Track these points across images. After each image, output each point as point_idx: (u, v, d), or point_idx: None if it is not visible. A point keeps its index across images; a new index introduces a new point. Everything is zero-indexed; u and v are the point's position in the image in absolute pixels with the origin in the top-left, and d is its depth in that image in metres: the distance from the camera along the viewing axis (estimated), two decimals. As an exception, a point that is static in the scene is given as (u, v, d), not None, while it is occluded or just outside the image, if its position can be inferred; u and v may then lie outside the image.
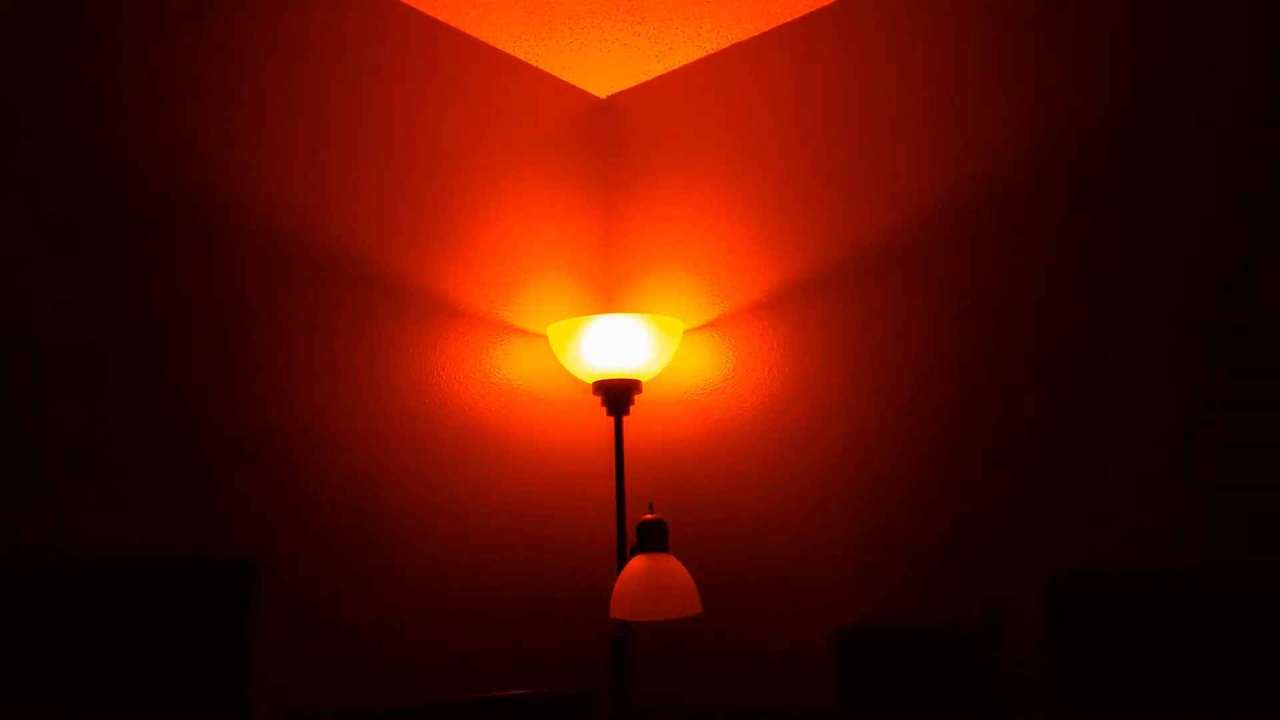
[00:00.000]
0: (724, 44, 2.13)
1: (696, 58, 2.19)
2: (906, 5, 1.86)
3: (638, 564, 1.67)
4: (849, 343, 1.85)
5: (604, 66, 2.22)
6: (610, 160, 2.34)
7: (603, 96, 2.37)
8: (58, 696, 1.29)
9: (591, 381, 1.94)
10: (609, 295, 2.29)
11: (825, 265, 1.91)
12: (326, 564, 1.63)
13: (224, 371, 1.54)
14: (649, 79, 2.29)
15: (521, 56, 2.16)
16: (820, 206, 1.93)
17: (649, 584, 1.64)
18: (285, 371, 1.62)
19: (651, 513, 1.72)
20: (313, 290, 1.69)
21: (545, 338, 2.07)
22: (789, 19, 2.03)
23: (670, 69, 2.24)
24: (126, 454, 1.41)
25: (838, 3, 1.97)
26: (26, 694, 1.26)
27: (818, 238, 1.93)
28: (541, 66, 2.21)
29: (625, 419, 2.11)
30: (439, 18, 1.99)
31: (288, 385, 1.62)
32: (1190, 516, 1.43)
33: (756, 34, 2.09)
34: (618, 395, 1.93)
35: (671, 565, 1.67)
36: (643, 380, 1.95)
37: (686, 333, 2.10)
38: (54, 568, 1.33)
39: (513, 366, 2.02)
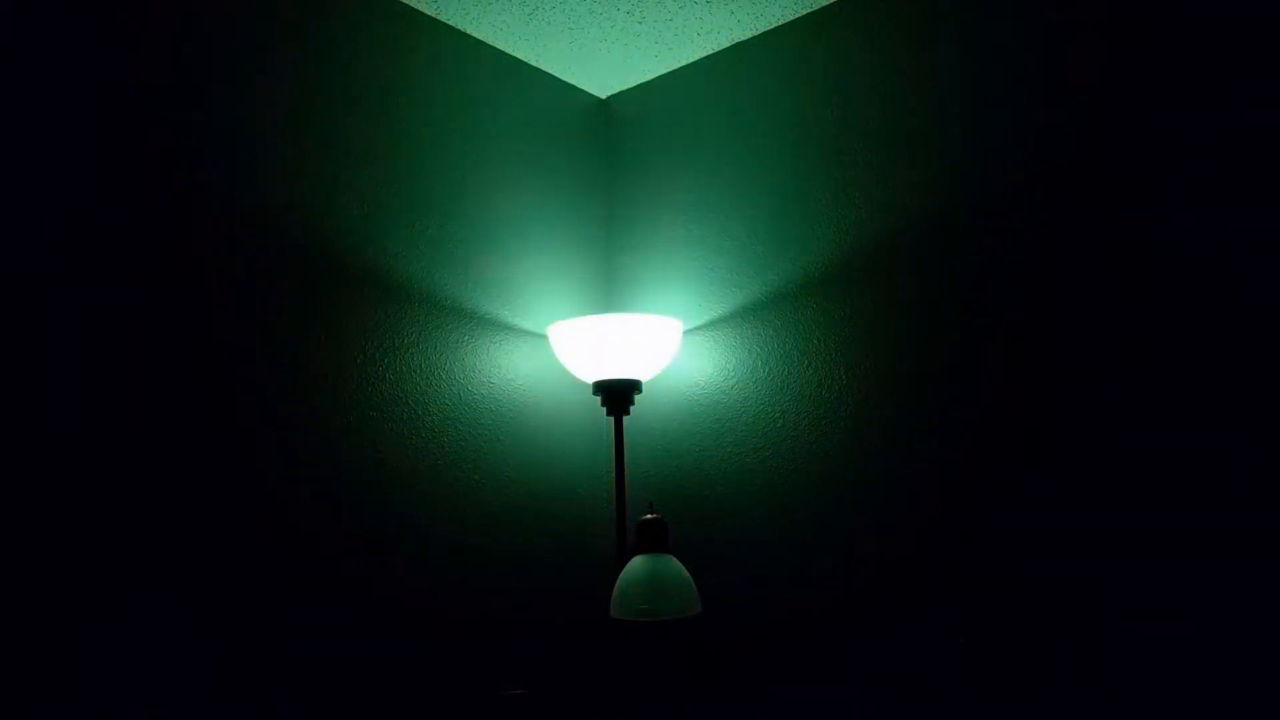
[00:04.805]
0: (724, 44, 2.13)
1: (696, 58, 2.19)
2: (905, 7, 1.86)
3: (638, 564, 1.67)
4: (849, 343, 1.85)
5: (604, 66, 2.21)
6: (610, 160, 2.34)
7: (603, 96, 2.37)
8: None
9: (591, 381, 1.94)
10: (609, 295, 2.29)
11: (825, 266, 1.91)
12: (325, 563, 1.62)
13: (222, 372, 1.54)
14: (649, 79, 2.29)
15: (521, 56, 2.16)
16: (820, 207, 1.93)
17: (649, 584, 1.64)
18: (284, 372, 1.62)
19: (651, 513, 1.72)
20: (309, 291, 1.68)
21: (545, 338, 2.06)
22: (789, 19, 2.03)
23: (670, 69, 2.24)
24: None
25: (837, 3, 1.97)
26: None
27: (818, 238, 1.93)
28: (541, 66, 2.21)
29: (625, 419, 2.11)
30: (439, 17, 1.99)
31: (286, 386, 1.62)
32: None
33: (756, 34, 2.09)
34: (618, 395, 1.92)
35: (671, 565, 1.67)
36: (643, 380, 1.95)
37: (686, 333, 2.10)
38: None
39: (513, 366, 2.02)
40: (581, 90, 2.32)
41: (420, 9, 1.96)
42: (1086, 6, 1.63)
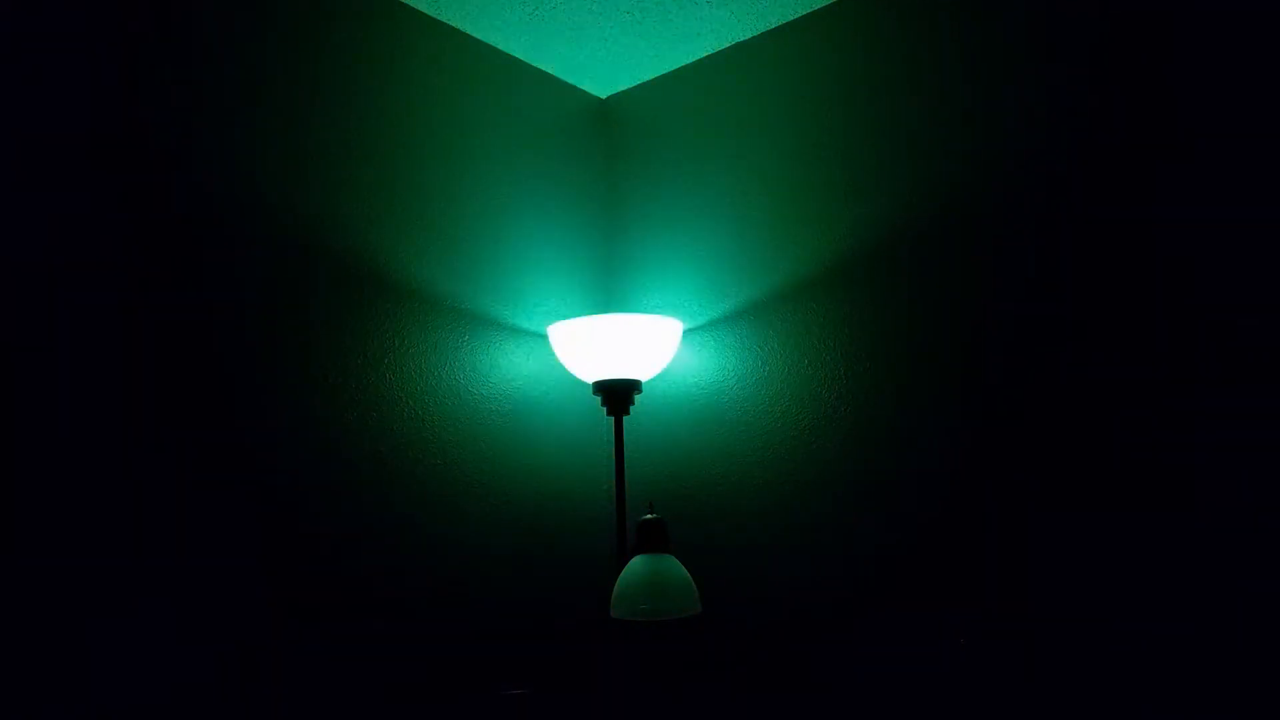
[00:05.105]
0: (724, 44, 2.13)
1: (696, 58, 2.19)
2: (906, 7, 1.86)
3: (638, 564, 1.67)
4: (849, 343, 1.85)
5: (604, 66, 2.21)
6: (610, 160, 2.34)
7: (603, 96, 2.37)
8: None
9: (591, 381, 1.94)
10: (609, 295, 2.29)
11: (825, 266, 1.91)
12: (325, 563, 1.62)
13: (222, 372, 1.54)
14: (649, 79, 2.28)
15: (521, 56, 2.16)
16: (820, 207, 1.93)
17: (649, 584, 1.64)
18: (284, 372, 1.62)
19: (651, 513, 1.71)
20: (308, 290, 1.68)
21: (545, 338, 2.06)
22: (789, 19, 2.03)
23: (670, 69, 2.24)
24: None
25: (837, 3, 1.96)
26: None
27: (817, 238, 1.93)
28: (541, 66, 2.21)
29: (625, 419, 2.11)
30: (439, 17, 1.99)
31: (286, 386, 1.62)
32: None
33: (756, 34, 2.09)
34: (618, 395, 1.92)
35: (671, 565, 1.67)
36: (643, 380, 1.95)
37: (686, 333, 2.10)
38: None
39: (513, 366, 2.02)
40: (581, 90, 2.32)
41: (420, 9, 1.96)
42: (1086, 6, 1.63)
